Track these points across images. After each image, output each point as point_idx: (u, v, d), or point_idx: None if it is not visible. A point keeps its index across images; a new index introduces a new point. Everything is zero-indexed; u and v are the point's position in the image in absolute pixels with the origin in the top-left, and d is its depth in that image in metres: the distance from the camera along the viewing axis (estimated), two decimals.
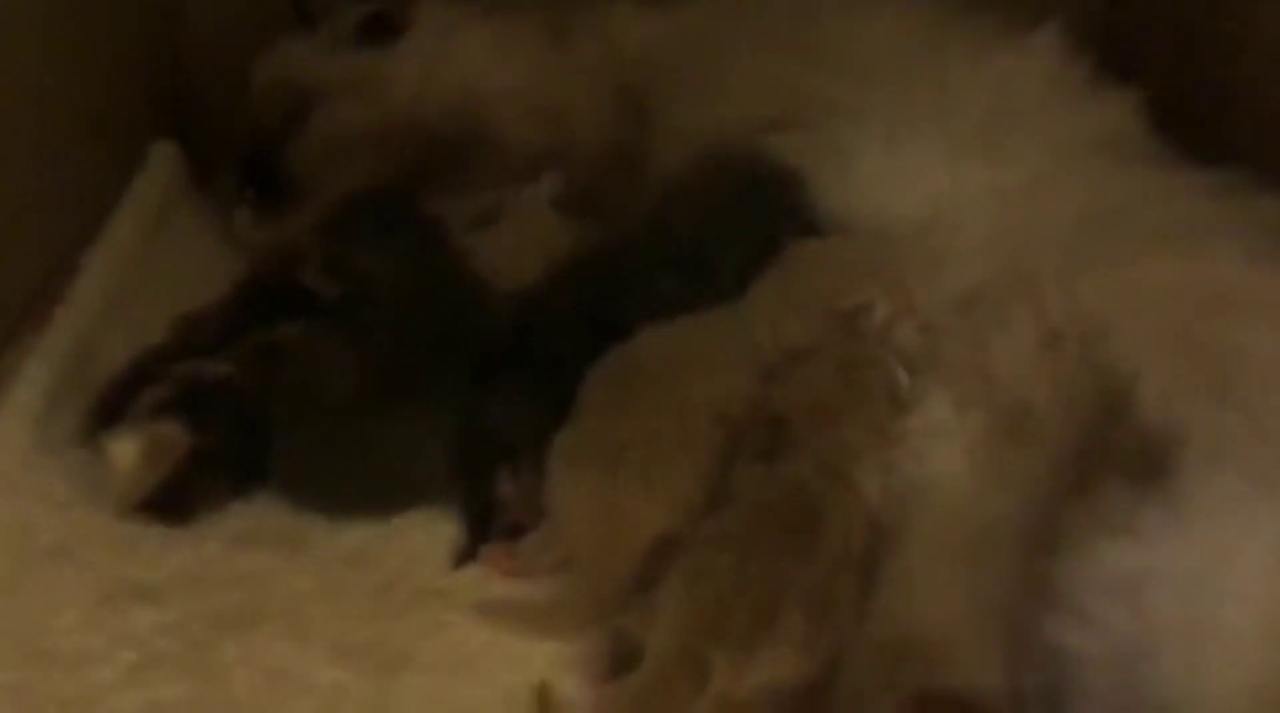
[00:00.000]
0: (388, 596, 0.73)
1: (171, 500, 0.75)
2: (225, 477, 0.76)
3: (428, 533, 0.77)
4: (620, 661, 0.68)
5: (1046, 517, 0.69)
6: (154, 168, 1.06)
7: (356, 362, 0.78)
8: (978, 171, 0.86)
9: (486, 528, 0.75)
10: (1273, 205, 0.81)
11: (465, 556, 0.75)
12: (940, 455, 0.75)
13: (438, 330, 0.80)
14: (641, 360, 0.77)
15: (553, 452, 0.74)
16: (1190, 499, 0.63)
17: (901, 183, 0.87)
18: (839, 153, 0.88)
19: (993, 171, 0.86)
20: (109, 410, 0.78)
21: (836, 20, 0.97)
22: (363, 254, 0.84)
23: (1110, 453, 0.69)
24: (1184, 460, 0.65)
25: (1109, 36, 1.16)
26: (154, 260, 0.98)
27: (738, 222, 0.87)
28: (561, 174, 0.95)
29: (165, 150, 1.08)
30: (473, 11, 1.06)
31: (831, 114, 0.90)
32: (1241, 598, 0.60)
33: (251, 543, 0.75)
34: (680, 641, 0.65)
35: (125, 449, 0.74)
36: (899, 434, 0.75)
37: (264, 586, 0.73)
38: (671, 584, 0.68)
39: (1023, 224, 0.83)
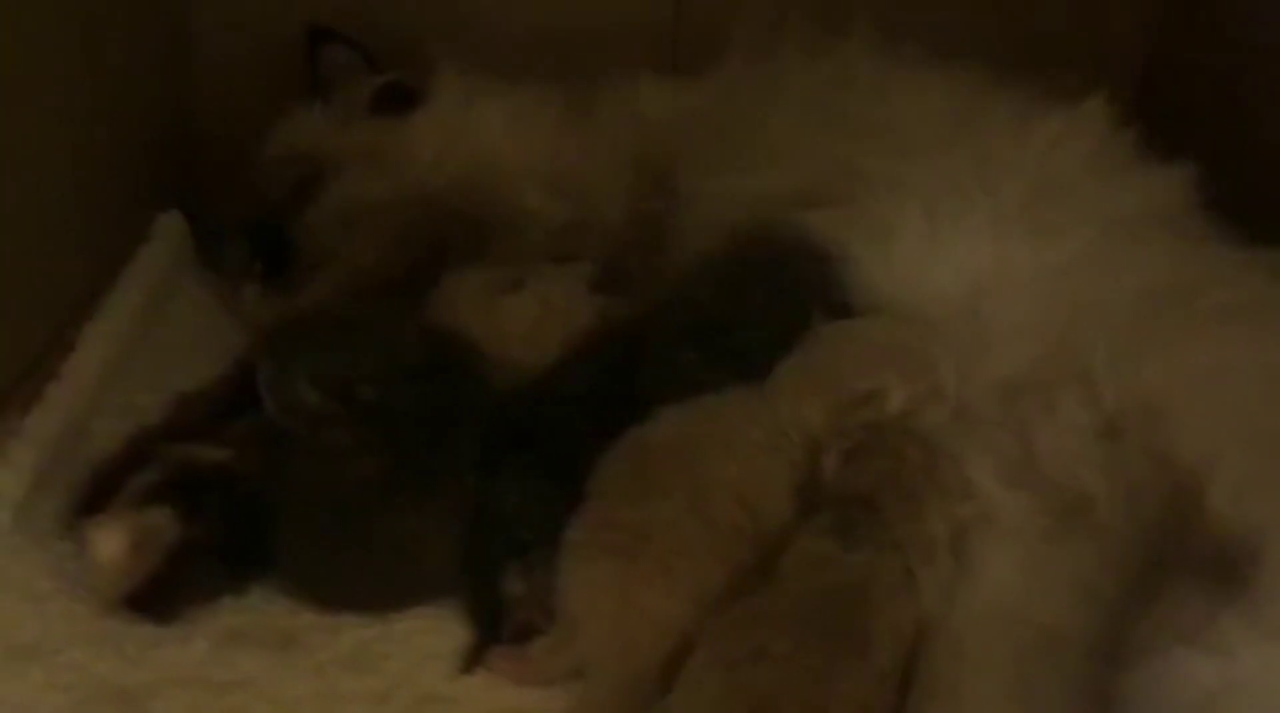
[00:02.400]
0: (388, 703, 0.67)
1: (158, 595, 0.69)
2: (217, 570, 0.71)
3: (432, 634, 0.71)
4: None
5: (1109, 623, 0.64)
6: (158, 240, 1.02)
7: (361, 451, 0.73)
8: (1022, 248, 0.81)
9: (496, 629, 0.70)
10: None
11: (473, 659, 0.69)
12: (989, 552, 0.70)
13: (441, 415, 0.76)
14: (658, 443, 0.73)
15: (565, 545, 0.69)
16: (1271, 606, 0.58)
17: (943, 259, 0.82)
18: (877, 228, 0.83)
19: (1038, 248, 0.81)
20: (96, 496, 0.73)
21: (871, 90, 0.93)
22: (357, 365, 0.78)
23: (1181, 554, 0.64)
24: (1263, 564, 0.60)
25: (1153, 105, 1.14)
26: (154, 336, 0.95)
27: (766, 300, 0.83)
28: (596, 261, 0.92)
29: (171, 222, 1.05)
30: (491, 84, 1.03)
31: (868, 187, 0.85)
32: None
33: (243, 642, 0.70)
34: None
35: (109, 539, 0.69)
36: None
37: (254, 691, 0.67)
38: (702, 667, 0.63)
39: (1071, 303, 0.78)
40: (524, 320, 0.86)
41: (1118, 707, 0.59)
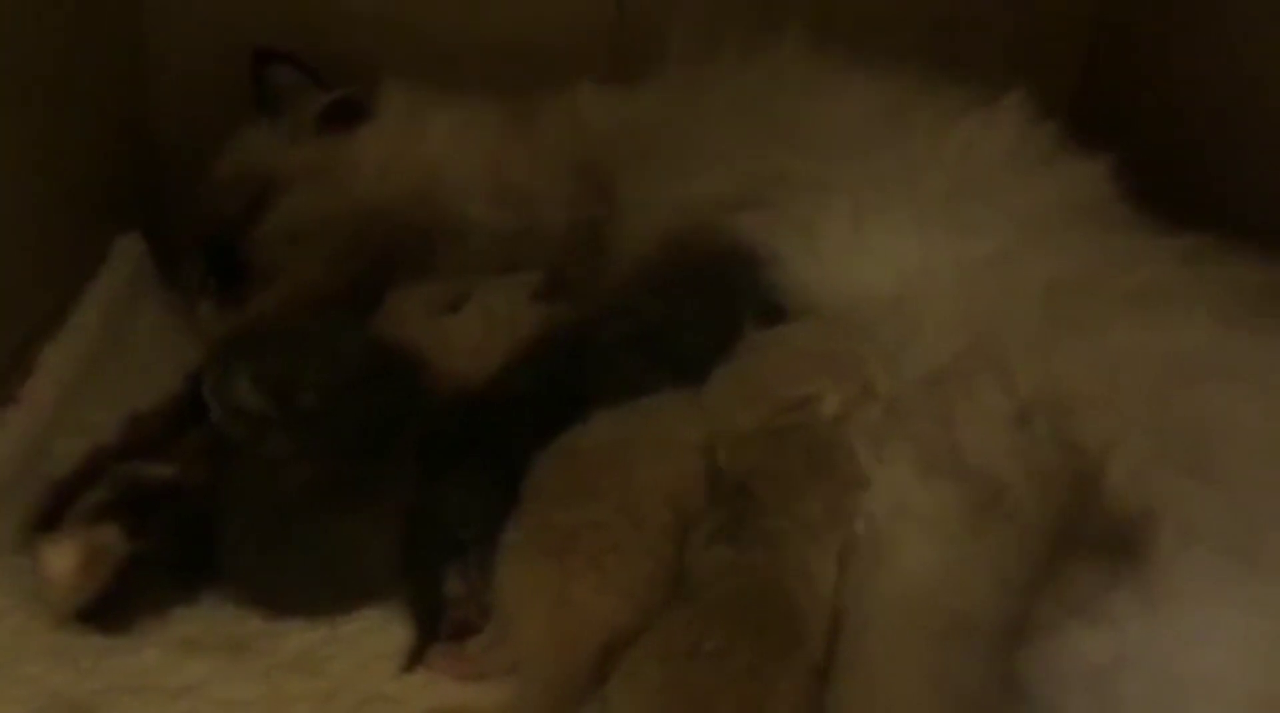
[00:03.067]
0: (333, 704, 0.70)
1: (110, 608, 0.72)
2: (166, 582, 0.74)
3: (375, 636, 0.74)
4: None
5: (1020, 606, 0.66)
6: (118, 261, 1.04)
7: (302, 458, 0.76)
8: (945, 244, 0.84)
9: (435, 629, 0.72)
10: (1246, 269, 0.78)
11: (414, 658, 0.72)
12: (905, 540, 0.72)
13: (381, 424, 0.78)
14: (589, 445, 0.75)
15: (501, 546, 0.71)
16: (1163, 581, 0.60)
17: (869, 258, 0.85)
18: (805, 230, 0.86)
19: (960, 244, 0.84)
20: (49, 515, 0.76)
21: (800, 96, 0.96)
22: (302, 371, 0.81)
23: (1080, 535, 0.66)
24: (1157, 539, 0.62)
25: (1087, 103, 1.16)
26: (113, 356, 0.96)
27: (702, 307, 0.86)
28: (541, 271, 0.94)
29: (130, 243, 1.07)
30: (435, 97, 1.05)
31: (796, 190, 0.88)
32: (1215, 683, 0.57)
33: (193, 649, 0.72)
34: None
35: (61, 555, 0.72)
36: (855, 516, 0.72)
37: (204, 695, 0.70)
38: (640, 660, 0.66)
39: (992, 297, 0.81)
40: (468, 336, 0.88)
41: (1020, 686, 0.61)
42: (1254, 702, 0.58)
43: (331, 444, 0.78)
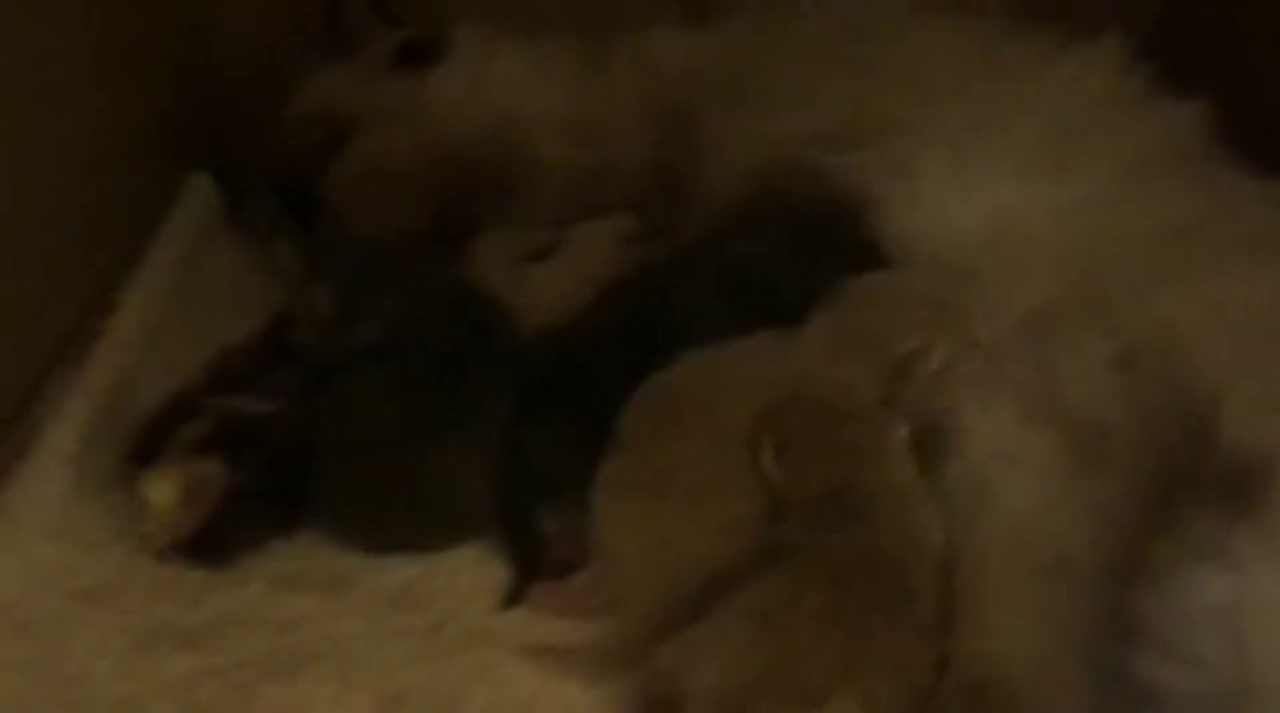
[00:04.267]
0: (436, 637, 0.70)
1: (211, 541, 0.72)
2: (267, 515, 0.74)
3: (477, 571, 0.74)
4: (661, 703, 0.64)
5: (1128, 546, 0.66)
6: (189, 201, 1.04)
7: (395, 395, 0.75)
8: (1044, 188, 0.82)
9: (534, 567, 0.72)
10: None
11: (514, 596, 0.72)
12: (1009, 482, 0.72)
13: (458, 361, 0.78)
14: (683, 384, 0.75)
15: (596, 485, 0.71)
16: None
17: (967, 201, 0.83)
18: (902, 172, 0.84)
19: (1058, 187, 0.82)
20: (146, 449, 0.76)
21: (889, 36, 0.94)
22: (373, 301, 0.81)
23: (1195, 478, 0.66)
24: (1273, 484, 0.62)
25: (1167, 46, 1.14)
26: (191, 294, 0.97)
27: (799, 250, 0.84)
28: (633, 216, 0.93)
29: (201, 183, 1.06)
30: (509, 37, 1.04)
31: (891, 131, 0.86)
32: None
33: (296, 584, 0.73)
34: (735, 682, 0.62)
35: (162, 488, 0.72)
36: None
37: (309, 629, 0.70)
38: (728, 621, 0.65)
39: (1090, 240, 0.80)
40: (555, 285, 0.88)
41: (1138, 627, 0.61)
42: None
43: (410, 382, 0.77)
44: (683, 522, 0.69)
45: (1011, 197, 0.82)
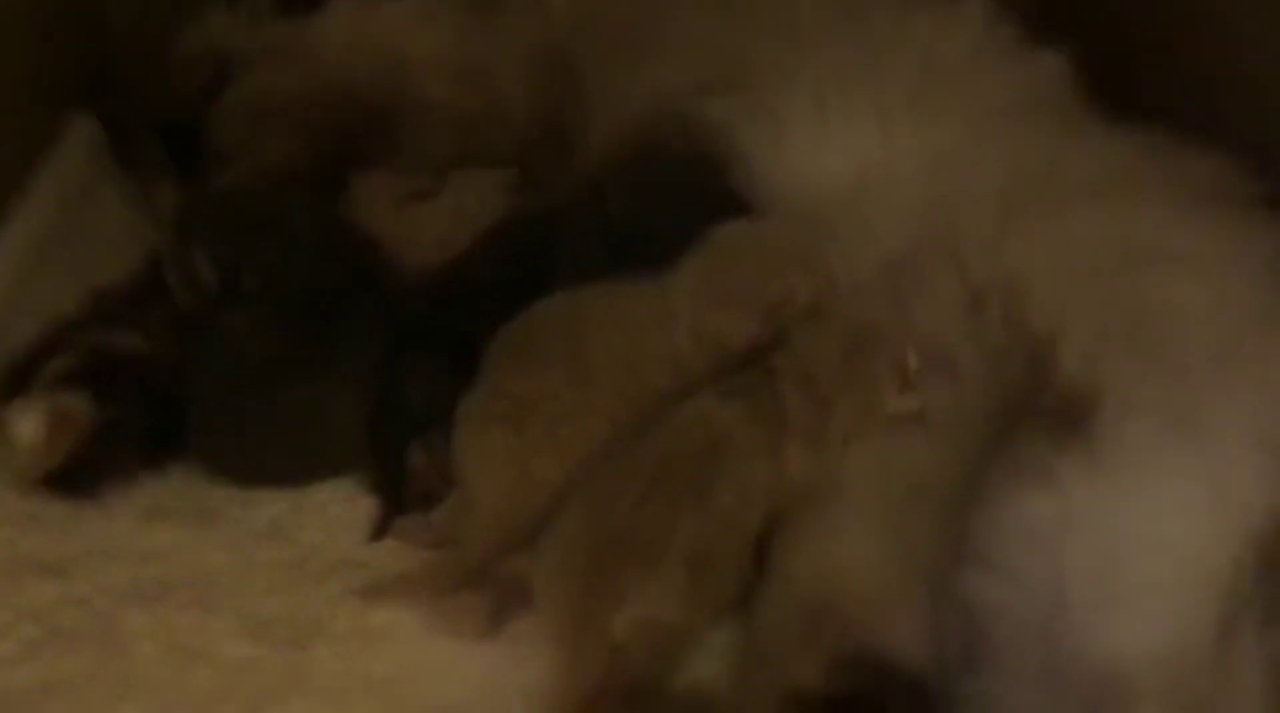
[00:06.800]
0: (302, 569, 0.71)
1: (79, 474, 0.73)
2: (135, 448, 0.74)
3: (345, 505, 0.75)
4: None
5: (970, 475, 0.69)
6: (70, 142, 1.03)
7: (260, 331, 0.76)
8: (906, 135, 0.85)
9: (400, 501, 0.74)
10: (1197, 162, 0.80)
11: (380, 529, 0.73)
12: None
13: (333, 300, 0.79)
14: (547, 319, 0.76)
15: (458, 417, 0.73)
16: (1106, 447, 0.63)
17: (832, 146, 0.86)
18: (771, 117, 0.87)
19: (921, 135, 0.85)
20: (14, 383, 0.76)
21: None
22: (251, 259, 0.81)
23: (1032, 410, 0.69)
24: (1102, 411, 0.65)
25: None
26: (70, 238, 0.95)
27: (671, 201, 0.86)
28: (514, 168, 0.94)
29: (83, 126, 1.05)
30: None
31: (758, 80, 0.88)
32: (1155, 545, 0.60)
33: (164, 517, 0.74)
34: (576, 561, 0.65)
35: (28, 422, 0.72)
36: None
37: (175, 560, 0.71)
38: (568, 511, 0.68)
39: (949, 187, 0.82)
40: (436, 226, 0.88)
41: (969, 548, 0.64)
42: (1189, 564, 0.61)
43: (285, 317, 0.78)
44: (542, 454, 0.71)
45: (874, 145, 0.84)
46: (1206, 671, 0.57)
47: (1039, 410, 0.68)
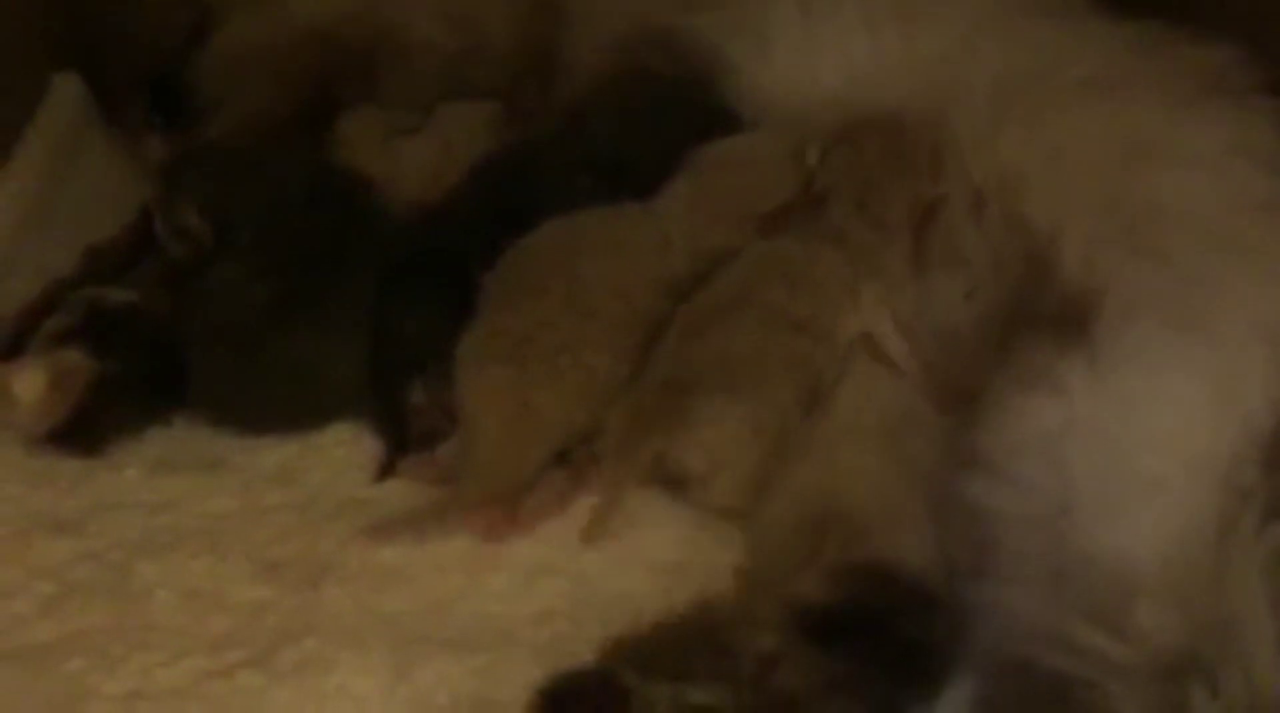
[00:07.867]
0: (310, 511, 0.72)
1: (83, 429, 0.73)
2: (137, 401, 0.75)
3: (350, 447, 0.75)
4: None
5: (974, 384, 0.68)
6: (56, 100, 1.02)
7: (263, 278, 0.76)
8: (895, 41, 0.84)
9: (403, 440, 0.74)
10: (1193, 55, 0.79)
11: (385, 470, 0.73)
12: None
13: (326, 243, 0.78)
14: (540, 247, 0.76)
15: (458, 354, 0.72)
16: (1108, 350, 0.63)
17: (819, 56, 0.85)
18: (756, 31, 0.86)
19: (909, 39, 0.84)
20: (13, 343, 0.76)
21: None
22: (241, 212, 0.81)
23: (1033, 311, 0.68)
24: (1102, 313, 0.64)
25: None
26: (60, 195, 0.95)
27: (656, 124, 0.85)
28: (499, 102, 0.93)
29: (68, 83, 1.04)
30: None
31: None
32: (1158, 444, 0.60)
33: (172, 468, 0.74)
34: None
35: (30, 380, 0.72)
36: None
37: (185, 509, 0.72)
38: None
39: (943, 90, 0.81)
40: (423, 161, 0.87)
41: (973, 456, 0.64)
42: (1193, 461, 0.61)
43: (279, 264, 0.77)
44: (541, 387, 0.71)
45: (863, 51, 0.83)
46: (1207, 565, 0.57)
47: (1040, 313, 0.68)
